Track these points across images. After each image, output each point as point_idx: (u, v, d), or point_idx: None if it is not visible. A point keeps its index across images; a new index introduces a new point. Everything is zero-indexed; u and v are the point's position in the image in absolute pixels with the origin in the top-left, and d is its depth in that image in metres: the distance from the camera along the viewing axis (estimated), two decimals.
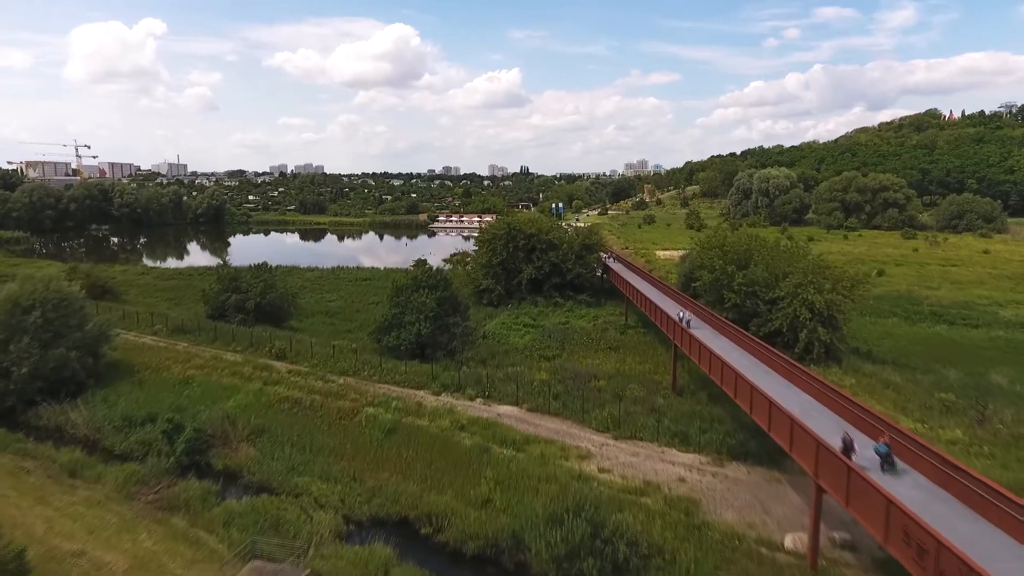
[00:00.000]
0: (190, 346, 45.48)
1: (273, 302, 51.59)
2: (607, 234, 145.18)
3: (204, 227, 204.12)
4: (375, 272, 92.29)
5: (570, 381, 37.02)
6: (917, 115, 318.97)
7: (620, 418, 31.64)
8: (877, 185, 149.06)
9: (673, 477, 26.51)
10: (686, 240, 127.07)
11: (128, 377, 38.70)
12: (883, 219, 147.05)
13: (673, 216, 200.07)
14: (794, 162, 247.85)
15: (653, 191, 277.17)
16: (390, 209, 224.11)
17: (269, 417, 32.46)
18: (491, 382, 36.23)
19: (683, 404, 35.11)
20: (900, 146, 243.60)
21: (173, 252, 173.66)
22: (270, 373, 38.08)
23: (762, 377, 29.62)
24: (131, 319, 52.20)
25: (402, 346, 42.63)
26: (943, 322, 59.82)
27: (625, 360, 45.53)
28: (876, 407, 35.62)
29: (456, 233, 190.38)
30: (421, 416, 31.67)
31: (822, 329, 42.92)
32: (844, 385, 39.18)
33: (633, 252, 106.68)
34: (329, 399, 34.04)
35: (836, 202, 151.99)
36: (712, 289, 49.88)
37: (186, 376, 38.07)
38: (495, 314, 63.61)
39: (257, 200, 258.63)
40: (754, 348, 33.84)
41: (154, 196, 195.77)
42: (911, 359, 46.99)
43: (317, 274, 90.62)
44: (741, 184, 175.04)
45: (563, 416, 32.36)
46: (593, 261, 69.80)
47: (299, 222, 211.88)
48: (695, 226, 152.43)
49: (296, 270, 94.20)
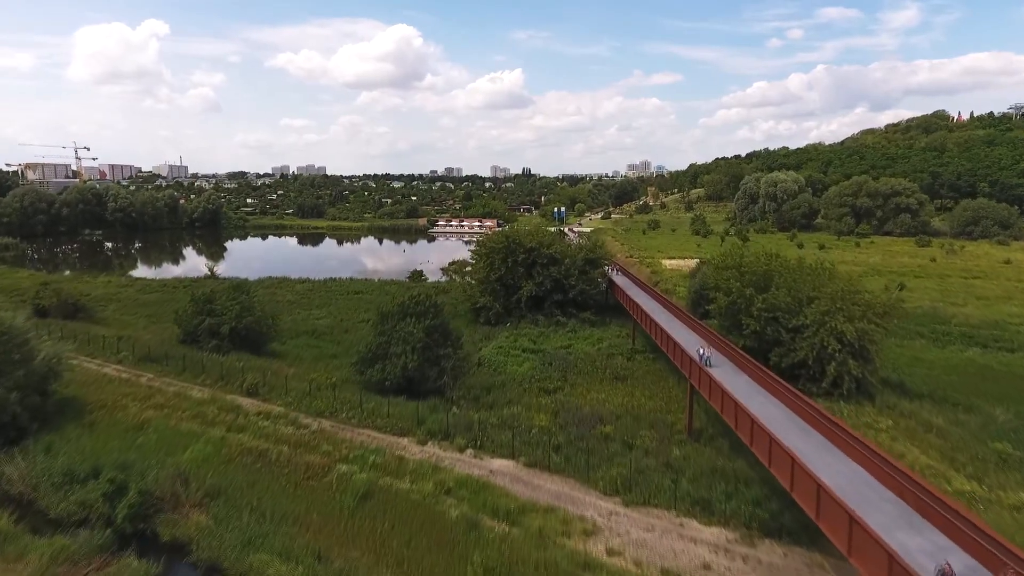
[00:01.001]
0: (156, 378, 41.40)
1: (250, 327, 47.44)
2: (611, 240, 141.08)
3: (200, 231, 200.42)
4: (368, 285, 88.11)
5: (573, 428, 32.80)
6: (925, 117, 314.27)
7: (631, 477, 27.44)
8: (889, 190, 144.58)
9: (696, 563, 22.25)
10: (692, 247, 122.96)
11: (79, 418, 34.58)
12: (895, 225, 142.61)
13: (678, 220, 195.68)
14: (800, 164, 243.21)
15: (657, 194, 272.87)
16: (389, 213, 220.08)
17: (228, 475, 28.30)
18: (483, 428, 32.05)
19: (702, 455, 30.89)
20: (909, 148, 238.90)
21: (168, 257, 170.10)
22: (236, 416, 33.93)
23: (797, 435, 25.42)
24: (96, 344, 48.15)
25: (387, 380, 38.51)
26: (975, 344, 55.51)
27: (634, 394, 41.31)
28: (921, 458, 31.53)
29: (456, 238, 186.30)
30: (401, 476, 27.47)
31: (853, 362, 38.68)
32: (881, 427, 35.05)
33: (638, 261, 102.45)
34: (299, 451, 29.90)
35: (846, 207, 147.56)
36: (728, 313, 45.62)
37: (142, 419, 33.94)
38: (493, 334, 59.44)
39: (255, 203, 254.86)
40: (784, 394, 29.58)
41: (149, 200, 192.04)
42: (949, 392, 42.68)
43: (308, 286, 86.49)
44: (748, 188, 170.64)
45: (565, 474, 28.15)
46: (597, 276, 65.54)
47: (297, 226, 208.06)
48: (701, 232, 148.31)
49: (286, 282, 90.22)
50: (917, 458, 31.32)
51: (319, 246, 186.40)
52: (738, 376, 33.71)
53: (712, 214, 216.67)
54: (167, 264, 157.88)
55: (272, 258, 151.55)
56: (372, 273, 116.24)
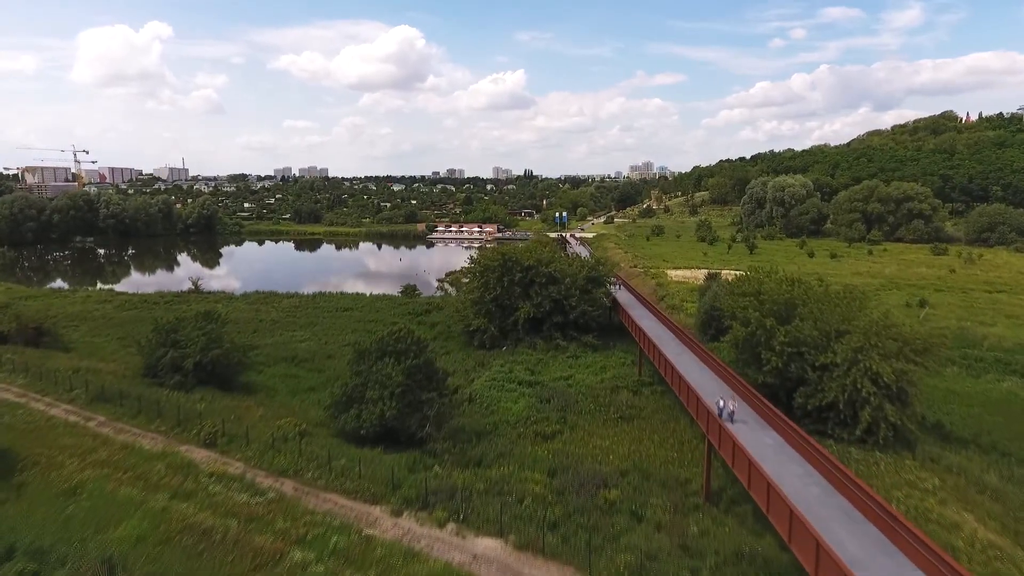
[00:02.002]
0: (108, 421, 36.96)
1: (217, 360, 43.02)
2: (613, 247, 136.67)
3: (195, 237, 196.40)
4: (358, 300, 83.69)
5: (572, 494, 28.30)
6: (932, 117, 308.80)
7: (640, 565, 22.94)
8: (900, 194, 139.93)
9: None
10: (698, 255, 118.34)
11: (6, 478, 30.15)
12: (907, 231, 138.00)
13: (682, 225, 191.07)
14: (807, 167, 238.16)
15: (660, 197, 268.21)
16: (388, 218, 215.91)
17: (164, 560, 23.82)
18: (468, 496, 27.56)
19: (723, 529, 26.39)
20: (918, 151, 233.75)
21: (163, 263, 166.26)
22: (185, 478, 29.47)
23: (844, 528, 20.94)
24: (49, 379, 43.77)
25: (363, 429, 34.08)
26: (1012, 373, 51.00)
27: (642, 439, 36.86)
28: (979, 530, 26.95)
29: (456, 244, 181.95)
30: (367, 567, 22.96)
31: (890, 407, 34.14)
32: (927, 487, 30.43)
33: (642, 271, 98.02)
34: (250, 529, 25.43)
35: (857, 212, 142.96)
36: (745, 346, 41.08)
37: (78, 481, 29.47)
38: (487, 360, 55.01)
39: (252, 208, 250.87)
40: (826, 467, 25.04)
41: (142, 206, 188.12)
42: (995, 436, 38.20)
43: (294, 302, 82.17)
44: (754, 193, 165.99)
45: (562, 560, 23.64)
46: (601, 296, 61.01)
47: (293, 232, 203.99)
48: (707, 238, 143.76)
49: (273, 297, 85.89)
50: (975, 530, 26.75)
51: (316, 251, 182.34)
52: (765, 433, 29.24)
53: (717, 219, 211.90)
54: (161, 271, 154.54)
55: (266, 267, 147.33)
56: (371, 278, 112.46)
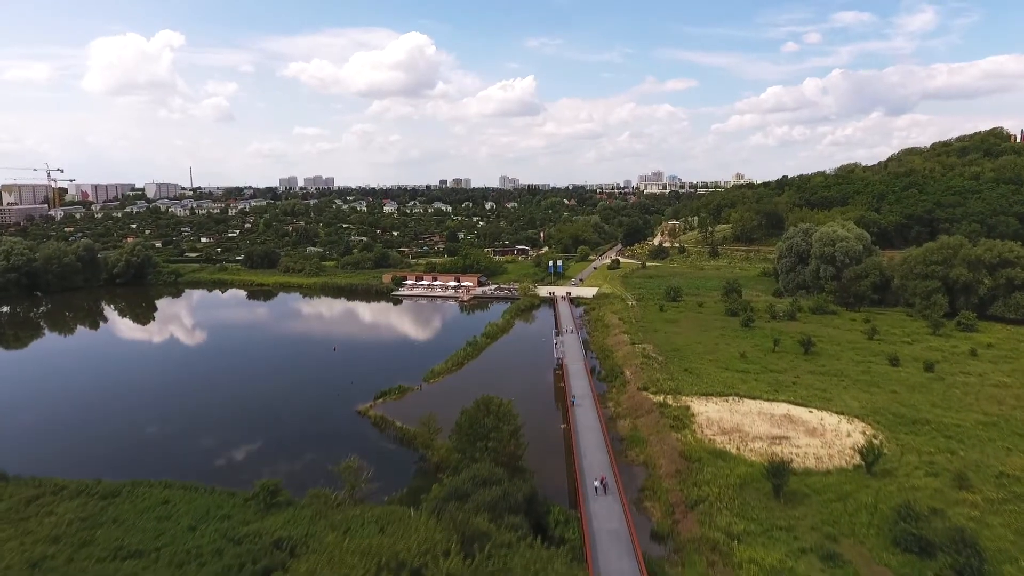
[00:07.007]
0: None
1: None
2: (616, 324, 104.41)
3: (122, 289, 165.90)
4: (188, 495, 50.11)
5: None
6: (980, 134, 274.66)
7: None
8: (996, 258, 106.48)
9: None
10: (734, 357, 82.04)
11: None
12: (1006, 307, 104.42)
13: (702, 276, 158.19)
14: (846, 199, 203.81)
15: (674, 229, 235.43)
16: (355, 262, 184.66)
17: None
18: None
19: None
20: (975, 180, 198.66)
21: (86, 321, 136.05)
22: None
23: None
24: None
25: None
26: None
27: None
28: None
29: (427, 301, 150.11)
30: None
31: None
32: None
33: (657, 406, 66.35)
34: None
35: (935, 279, 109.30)
36: None
37: None
38: None
39: (203, 247, 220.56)
40: None
41: (55, 255, 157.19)
42: None
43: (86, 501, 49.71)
44: (795, 245, 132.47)
45: None
46: None
47: (239, 282, 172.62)
48: (739, 311, 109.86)
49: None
50: None
51: (270, 301, 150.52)
52: None
53: (743, 263, 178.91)
54: (83, 328, 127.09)
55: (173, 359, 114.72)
56: (269, 397, 73.80)
